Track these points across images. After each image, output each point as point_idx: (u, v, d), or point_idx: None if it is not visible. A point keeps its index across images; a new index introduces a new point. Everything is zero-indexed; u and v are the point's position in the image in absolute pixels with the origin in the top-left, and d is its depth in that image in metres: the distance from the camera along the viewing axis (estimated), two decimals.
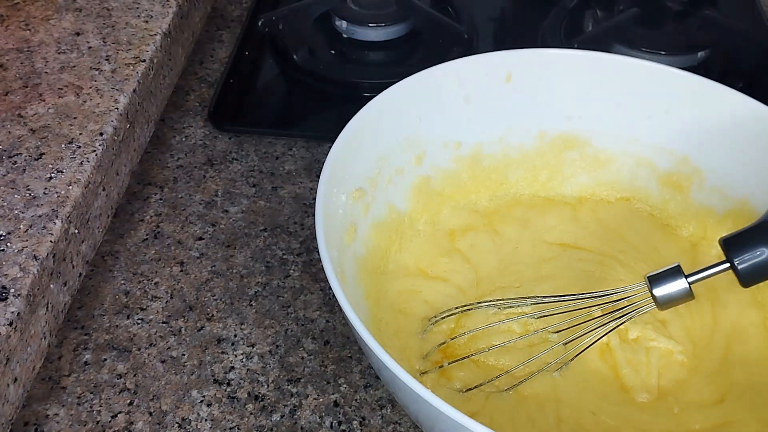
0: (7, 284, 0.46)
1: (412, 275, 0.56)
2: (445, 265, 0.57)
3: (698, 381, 0.50)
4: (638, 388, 0.50)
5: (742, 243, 0.45)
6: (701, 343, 0.52)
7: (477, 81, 0.59)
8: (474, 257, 0.57)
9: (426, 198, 0.60)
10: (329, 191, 0.49)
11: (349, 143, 0.52)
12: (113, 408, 0.51)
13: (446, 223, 0.60)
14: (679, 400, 0.49)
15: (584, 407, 0.49)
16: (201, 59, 0.81)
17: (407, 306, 0.54)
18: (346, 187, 0.52)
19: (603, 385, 0.50)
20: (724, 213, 0.57)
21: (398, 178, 0.58)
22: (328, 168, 0.50)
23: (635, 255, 0.58)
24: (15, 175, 0.53)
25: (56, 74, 0.62)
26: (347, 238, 0.52)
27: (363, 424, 0.51)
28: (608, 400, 0.49)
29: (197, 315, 0.57)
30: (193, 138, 0.72)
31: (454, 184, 0.61)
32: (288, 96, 0.79)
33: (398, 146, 0.57)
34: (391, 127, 0.56)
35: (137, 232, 0.63)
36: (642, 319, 0.52)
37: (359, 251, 0.53)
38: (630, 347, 0.52)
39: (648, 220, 0.61)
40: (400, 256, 0.57)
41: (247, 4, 0.88)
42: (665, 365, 0.51)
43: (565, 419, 0.48)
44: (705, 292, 0.54)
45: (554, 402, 0.49)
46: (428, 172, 0.60)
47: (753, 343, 0.52)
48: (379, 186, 0.56)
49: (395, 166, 0.57)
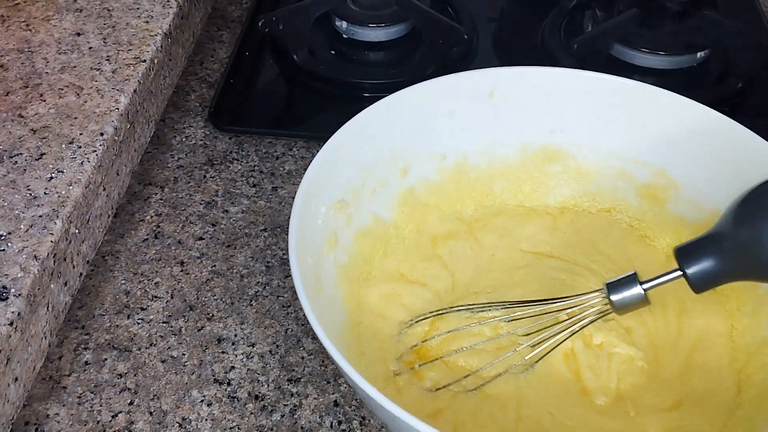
0: (8, 284, 0.46)
1: (393, 280, 0.58)
2: (425, 271, 0.58)
3: (656, 386, 0.52)
4: (597, 392, 0.51)
5: (693, 252, 0.48)
6: (663, 351, 0.54)
7: (460, 97, 0.60)
8: (452, 263, 0.59)
9: (411, 208, 0.61)
10: (307, 203, 0.51)
11: (330, 157, 0.54)
12: (114, 408, 0.51)
13: (431, 230, 0.61)
14: (636, 404, 0.51)
15: (544, 408, 0.50)
16: (201, 59, 0.81)
17: (386, 310, 0.55)
18: (327, 199, 0.54)
19: (564, 387, 0.52)
20: (697, 224, 0.58)
21: (383, 190, 0.59)
22: (305, 183, 0.51)
23: (608, 265, 0.59)
24: (16, 175, 0.54)
25: (57, 74, 0.62)
26: (326, 248, 0.53)
27: (363, 423, 0.51)
28: (568, 402, 0.51)
29: (197, 315, 0.57)
30: (194, 138, 0.72)
31: (440, 195, 0.63)
32: (288, 96, 0.79)
33: (382, 159, 0.59)
34: (374, 141, 0.58)
35: (138, 232, 0.63)
36: (607, 326, 0.53)
37: (340, 259, 0.55)
38: (593, 352, 0.53)
39: (626, 231, 0.62)
40: (385, 261, 0.59)
41: (247, 4, 0.88)
42: (625, 370, 0.52)
43: (524, 418, 0.50)
44: (673, 302, 0.55)
45: (516, 402, 0.51)
46: (413, 183, 0.61)
47: (715, 352, 0.53)
48: (363, 197, 0.57)
49: (380, 178, 0.59)
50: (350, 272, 0.56)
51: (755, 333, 0.52)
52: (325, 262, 0.53)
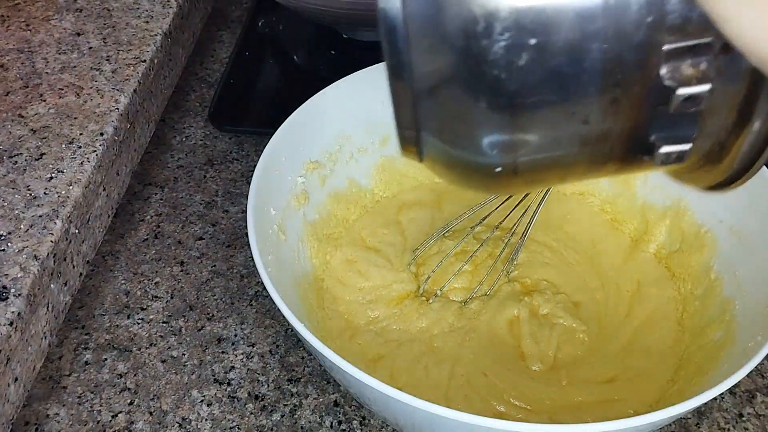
0: (8, 284, 0.46)
1: (355, 244, 0.60)
2: (383, 237, 0.61)
3: (594, 361, 0.53)
4: (534, 358, 0.53)
5: None
6: (608, 328, 0.55)
7: None
8: (408, 230, 0.61)
9: (389, 176, 0.64)
10: (275, 158, 0.54)
11: (303, 118, 0.57)
12: (114, 408, 0.51)
13: (402, 197, 0.64)
14: (570, 374, 0.52)
15: (479, 368, 0.52)
16: (201, 59, 0.81)
17: (344, 275, 0.58)
18: (299, 158, 0.57)
19: (502, 351, 0.53)
20: (663, 209, 0.59)
21: (361, 156, 0.62)
22: (275, 139, 0.54)
23: (569, 243, 0.60)
24: (15, 175, 0.54)
25: (57, 74, 0.62)
26: (295, 203, 0.56)
27: (363, 423, 0.51)
28: (503, 365, 0.52)
29: (198, 315, 0.57)
30: (194, 138, 0.72)
31: (419, 167, 0.63)
32: (288, 96, 0.78)
33: (362, 127, 0.61)
34: (353, 108, 0.60)
35: (138, 232, 0.63)
36: (556, 299, 0.55)
37: (310, 216, 0.58)
38: (537, 321, 0.54)
39: (595, 214, 0.63)
40: (355, 225, 0.61)
41: (247, 4, 0.88)
42: (565, 341, 0.53)
43: (457, 376, 0.51)
44: (629, 285, 0.58)
45: (453, 359, 0.52)
46: (393, 153, 0.63)
47: (660, 335, 0.54)
48: (340, 161, 0.61)
49: (358, 146, 0.62)
50: (319, 231, 0.58)
51: (702, 315, 0.54)
52: (292, 216, 0.55)
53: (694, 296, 0.55)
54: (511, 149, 0.28)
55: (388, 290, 0.56)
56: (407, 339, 0.53)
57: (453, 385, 0.51)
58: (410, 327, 0.54)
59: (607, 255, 0.60)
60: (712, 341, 0.50)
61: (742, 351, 0.45)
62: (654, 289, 0.57)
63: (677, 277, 0.57)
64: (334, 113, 0.59)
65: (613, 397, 0.51)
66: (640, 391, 0.51)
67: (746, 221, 0.53)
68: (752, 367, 0.41)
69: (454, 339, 0.54)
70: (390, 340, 0.53)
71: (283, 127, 0.55)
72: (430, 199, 0.63)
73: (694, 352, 0.51)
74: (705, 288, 0.54)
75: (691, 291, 0.56)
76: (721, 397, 0.52)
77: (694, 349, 0.52)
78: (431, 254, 0.58)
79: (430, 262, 0.58)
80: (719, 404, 0.52)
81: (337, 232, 0.60)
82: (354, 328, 0.54)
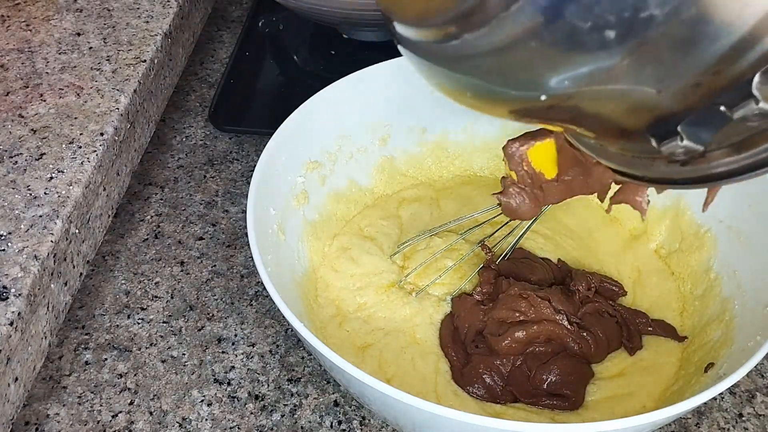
0: (8, 284, 0.46)
1: (351, 233, 0.61)
2: (381, 228, 0.61)
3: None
4: None
5: None
6: None
7: None
8: (407, 224, 0.62)
9: (389, 176, 0.64)
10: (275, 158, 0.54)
11: (303, 119, 0.57)
12: (114, 407, 0.51)
13: (403, 194, 0.64)
14: None
15: None
16: (201, 59, 0.81)
17: (337, 262, 0.58)
18: (299, 158, 0.57)
19: None
20: (662, 209, 0.60)
21: (361, 156, 0.62)
22: (275, 139, 0.54)
23: (563, 231, 0.60)
24: (16, 175, 0.54)
25: (57, 74, 0.62)
26: (295, 203, 0.57)
27: (363, 423, 0.51)
28: None
29: (198, 315, 0.57)
30: (194, 138, 0.72)
31: (419, 166, 0.65)
32: (288, 96, 0.79)
33: (362, 127, 0.61)
34: (354, 108, 0.60)
35: (138, 232, 0.63)
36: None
37: (310, 216, 0.58)
38: None
39: (596, 208, 0.63)
40: (353, 220, 0.62)
41: (247, 4, 0.88)
42: None
43: (443, 372, 0.52)
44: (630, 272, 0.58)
45: (436, 354, 0.53)
46: (393, 153, 0.64)
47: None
48: (340, 161, 0.61)
49: (358, 145, 0.62)
50: (319, 230, 0.58)
51: (702, 314, 0.54)
52: (292, 215, 0.56)
53: (694, 296, 0.55)
54: (580, 82, 0.29)
55: (378, 277, 0.57)
56: (392, 328, 0.54)
57: (441, 381, 0.51)
58: (395, 315, 0.55)
59: (605, 243, 0.60)
60: (711, 341, 0.50)
61: (741, 350, 0.45)
62: (655, 278, 0.57)
63: (677, 276, 0.57)
64: (334, 113, 0.59)
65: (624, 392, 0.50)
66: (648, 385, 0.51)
67: (746, 221, 0.53)
68: (752, 366, 0.41)
69: (435, 333, 0.54)
70: (377, 329, 0.54)
71: (283, 127, 0.55)
72: (429, 196, 0.64)
73: (693, 353, 0.52)
74: (704, 288, 0.55)
75: (690, 291, 0.56)
76: (720, 396, 0.52)
77: (693, 349, 0.52)
78: (419, 249, 0.58)
79: (417, 257, 0.58)
80: (719, 404, 0.52)
81: (336, 231, 0.60)
82: (343, 315, 0.55)
